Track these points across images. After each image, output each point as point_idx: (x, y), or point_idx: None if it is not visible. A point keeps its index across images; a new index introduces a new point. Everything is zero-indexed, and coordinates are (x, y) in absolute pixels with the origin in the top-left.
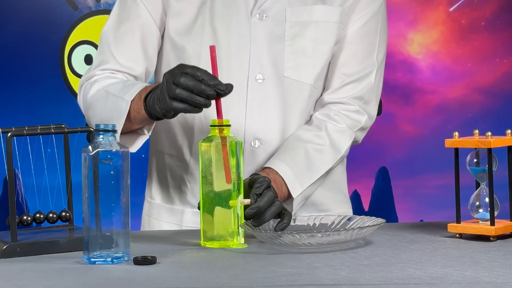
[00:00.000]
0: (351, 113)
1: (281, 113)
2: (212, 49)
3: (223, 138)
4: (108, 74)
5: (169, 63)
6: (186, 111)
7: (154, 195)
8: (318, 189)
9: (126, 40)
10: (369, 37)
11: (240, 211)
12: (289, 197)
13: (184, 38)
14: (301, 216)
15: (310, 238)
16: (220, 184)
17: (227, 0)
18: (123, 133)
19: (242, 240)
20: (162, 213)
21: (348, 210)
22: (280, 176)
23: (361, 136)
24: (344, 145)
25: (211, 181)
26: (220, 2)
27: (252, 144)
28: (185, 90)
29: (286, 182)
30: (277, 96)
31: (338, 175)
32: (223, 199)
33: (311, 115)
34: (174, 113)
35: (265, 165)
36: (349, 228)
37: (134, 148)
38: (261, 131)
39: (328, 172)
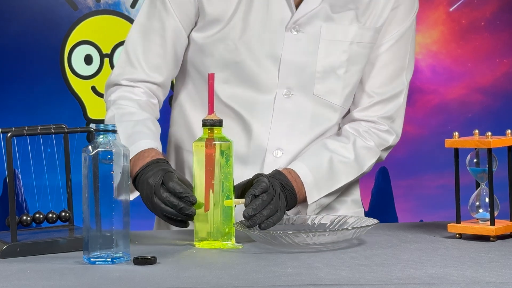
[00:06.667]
0: (381, 133)
1: (306, 129)
2: (211, 76)
3: (210, 139)
4: (127, 94)
5: (196, 65)
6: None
7: None
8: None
9: (154, 49)
10: (400, 56)
11: (230, 211)
12: (304, 200)
13: (215, 44)
14: (293, 216)
15: (321, 238)
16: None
17: (263, 11)
18: None
19: (234, 241)
20: None
21: (359, 210)
22: (301, 179)
23: (385, 154)
24: (368, 162)
25: (202, 181)
26: (256, 12)
27: (275, 154)
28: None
29: (305, 187)
30: (305, 111)
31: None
32: (216, 200)
33: (340, 127)
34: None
35: (288, 166)
36: (357, 227)
37: (132, 196)
38: (284, 143)
39: (346, 185)
